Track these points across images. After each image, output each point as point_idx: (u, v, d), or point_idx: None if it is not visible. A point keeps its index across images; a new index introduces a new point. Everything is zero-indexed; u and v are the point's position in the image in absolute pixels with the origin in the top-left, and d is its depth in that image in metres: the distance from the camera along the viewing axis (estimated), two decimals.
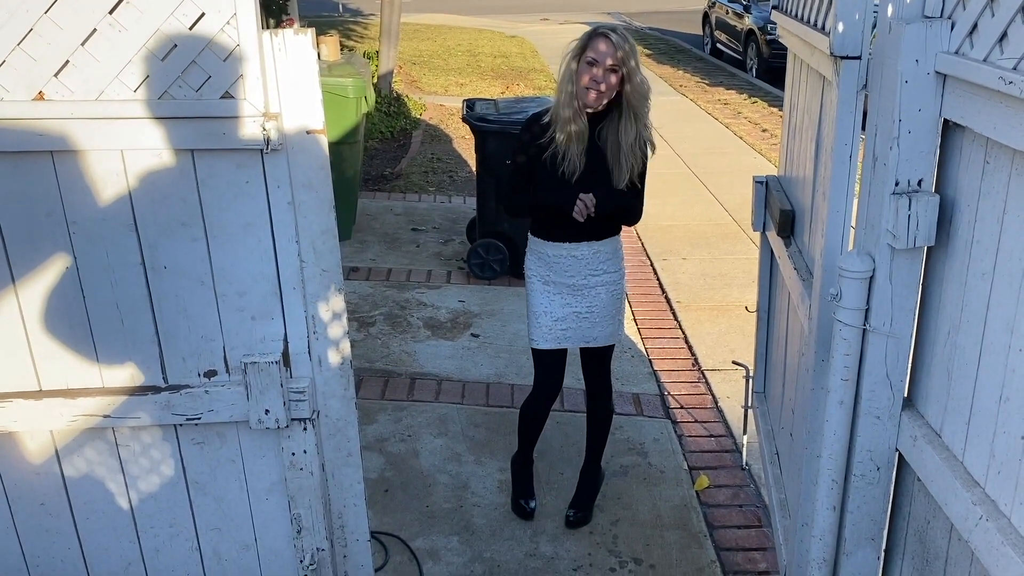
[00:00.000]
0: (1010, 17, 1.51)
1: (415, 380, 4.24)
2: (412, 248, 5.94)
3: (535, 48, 15.33)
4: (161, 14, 1.83)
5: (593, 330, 3.08)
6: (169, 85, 1.88)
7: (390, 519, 3.25)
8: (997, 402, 1.67)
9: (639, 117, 2.86)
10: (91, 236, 2.00)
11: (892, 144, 1.81)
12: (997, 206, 1.64)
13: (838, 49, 1.96)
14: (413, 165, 7.87)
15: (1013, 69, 1.50)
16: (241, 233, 2.04)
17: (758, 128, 9.54)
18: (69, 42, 1.83)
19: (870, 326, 1.97)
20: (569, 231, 2.96)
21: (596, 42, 2.77)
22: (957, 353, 1.82)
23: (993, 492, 1.70)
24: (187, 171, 1.97)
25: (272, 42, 1.90)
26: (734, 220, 6.55)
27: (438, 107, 10.42)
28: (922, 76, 1.75)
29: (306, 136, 1.99)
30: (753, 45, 12.93)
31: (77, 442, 2.20)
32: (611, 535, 3.22)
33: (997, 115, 1.56)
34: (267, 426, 2.14)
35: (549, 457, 3.63)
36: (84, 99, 1.88)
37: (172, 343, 2.12)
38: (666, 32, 18.05)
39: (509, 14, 21.16)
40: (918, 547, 2.05)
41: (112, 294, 2.06)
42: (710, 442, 3.81)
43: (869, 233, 1.95)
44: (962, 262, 1.78)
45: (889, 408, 2.03)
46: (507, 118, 5.02)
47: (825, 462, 2.14)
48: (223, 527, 2.32)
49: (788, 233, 2.79)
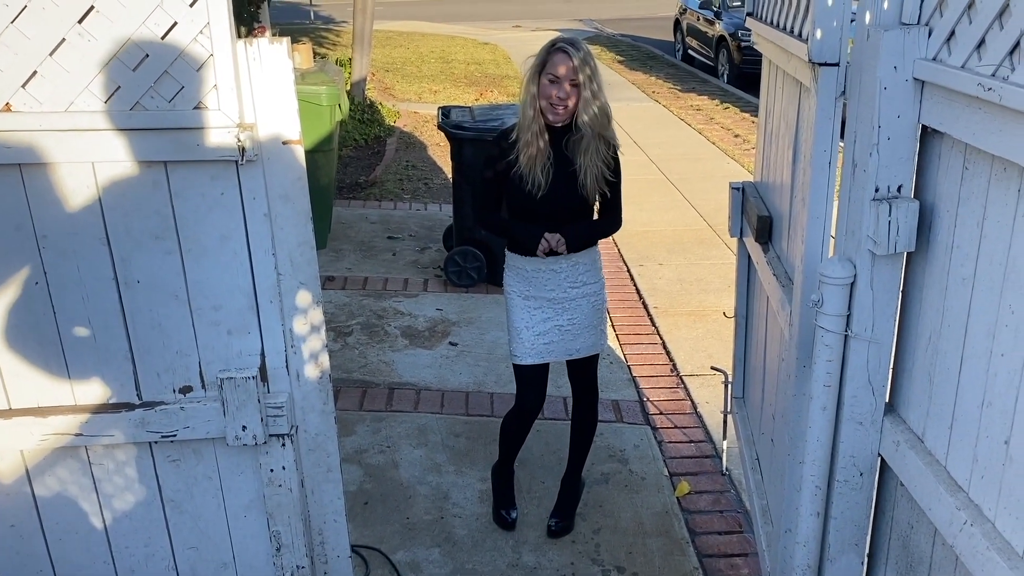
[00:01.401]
0: (987, 24, 1.51)
1: (393, 390, 4.20)
2: (388, 256, 5.90)
3: (508, 55, 15.34)
4: (132, 24, 1.79)
5: (575, 342, 3.06)
6: (141, 96, 1.84)
7: (370, 532, 3.21)
8: (979, 407, 1.68)
9: (603, 136, 2.85)
10: (62, 250, 1.96)
11: (872, 150, 1.82)
12: (976, 211, 1.65)
13: (816, 56, 1.97)
14: (388, 173, 7.83)
15: (991, 76, 1.50)
16: (216, 246, 2.00)
17: (731, 134, 9.61)
18: (37, 52, 1.79)
19: (852, 332, 1.97)
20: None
21: (556, 59, 2.75)
22: (939, 358, 1.83)
23: (977, 497, 1.70)
24: (160, 183, 1.93)
25: (247, 51, 1.86)
26: (709, 225, 6.58)
27: (412, 114, 10.38)
28: (900, 83, 1.75)
29: (282, 146, 1.95)
30: (724, 51, 13.04)
31: (48, 461, 2.14)
32: (593, 543, 3.20)
33: (975, 121, 1.57)
34: (244, 442, 2.10)
35: (530, 466, 3.61)
36: (53, 111, 1.83)
37: (146, 359, 2.07)
38: (638, 39, 18.15)
39: (481, 21, 21.17)
40: (902, 552, 2.06)
41: (84, 309, 2.01)
42: (690, 448, 3.81)
43: (850, 239, 1.95)
44: (942, 267, 1.79)
45: (871, 413, 2.04)
46: (483, 125, 5.01)
47: (808, 468, 2.14)
48: (200, 546, 2.28)
49: (766, 239, 2.80)
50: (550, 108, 2.77)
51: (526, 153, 2.83)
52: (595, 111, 2.78)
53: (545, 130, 2.82)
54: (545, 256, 2.90)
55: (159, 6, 1.78)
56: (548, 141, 2.83)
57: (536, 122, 2.80)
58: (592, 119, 2.78)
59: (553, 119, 2.79)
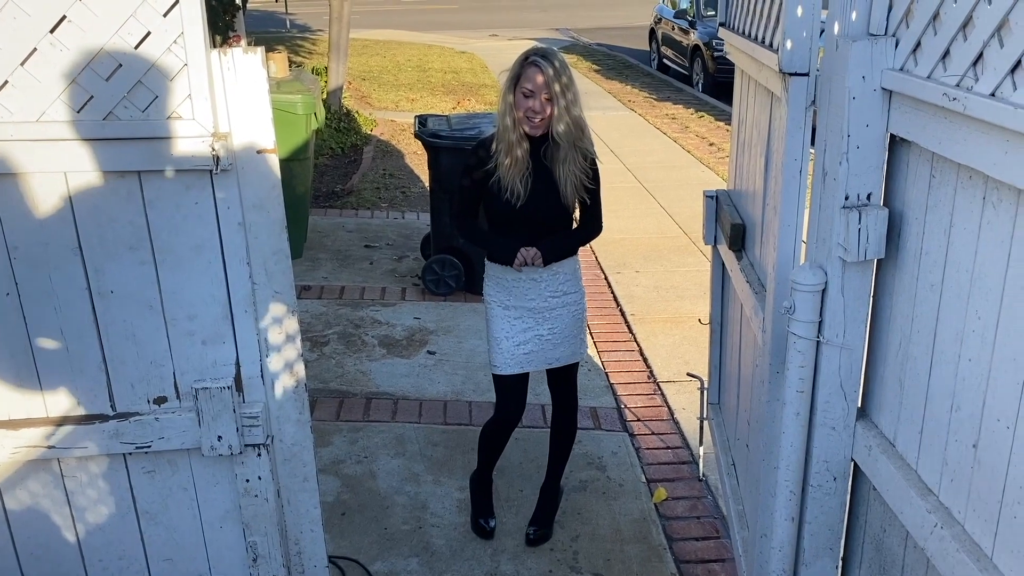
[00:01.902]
0: (952, 35, 1.55)
1: (371, 400, 4.19)
2: (365, 265, 5.89)
3: (485, 64, 15.38)
4: (105, 34, 1.78)
5: (556, 351, 3.07)
6: (114, 106, 1.84)
7: (347, 543, 3.20)
8: (949, 411, 1.70)
9: (579, 146, 2.87)
10: (33, 261, 1.94)
11: (841, 159, 1.84)
12: (944, 219, 1.68)
13: (787, 66, 2.00)
14: (365, 181, 7.82)
15: (956, 86, 1.53)
16: (191, 256, 1.99)
17: (706, 142, 9.68)
18: (7, 62, 1.78)
19: (823, 338, 2.00)
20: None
21: (530, 72, 2.77)
22: (909, 364, 1.86)
23: (947, 500, 1.73)
24: (134, 193, 1.93)
25: (221, 61, 1.86)
26: (685, 233, 6.63)
27: (389, 123, 10.38)
28: (869, 92, 1.78)
29: (256, 156, 1.95)
30: (699, 61, 13.14)
31: (20, 474, 2.12)
32: (572, 551, 3.21)
33: (942, 130, 1.60)
34: (220, 452, 2.09)
35: (508, 474, 3.61)
36: (24, 120, 1.82)
37: (120, 369, 2.06)
38: (614, 48, 18.25)
39: (457, 30, 21.21)
40: (875, 555, 2.08)
41: (56, 320, 2.00)
42: (667, 454, 3.83)
43: (820, 247, 1.98)
44: (911, 274, 1.82)
45: (844, 419, 2.06)
46: (460, 134, 5.02)
47: (782, 473, 2.16)
48: (175, 557, 2.26)
49: (739, 247, 2.83)
50: (525, 120, 2.79)
51: (505, 163, 2.84)
52: (569, 122, 2.80)
53: (524, 139, 2.83)
54: (520, 270, 2.92)
55: (132, 16, 1.78)
56: (527, 151, 2.85)
57: (514, 132, 2.82)
58: (567, 130, 2.80)
59: (530, 130, 2.81)
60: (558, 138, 2.81)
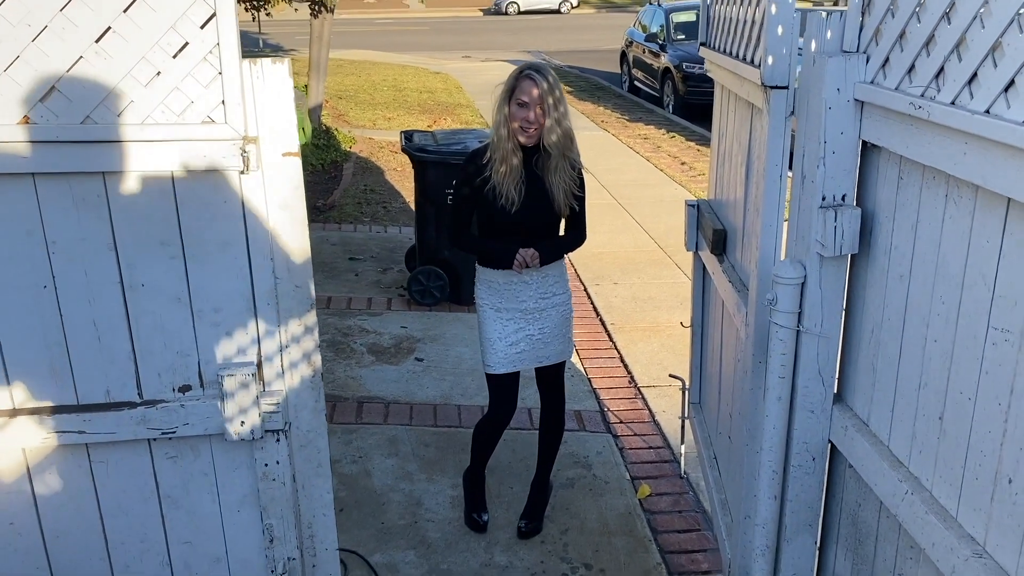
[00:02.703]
0: (916, 51, 1.75)
1: (362, 403, 4.31)
2: (351, 277, 6.02)
3: (459, 84, 15.61)
4: (146, 43, 1.93)
5: (546, 350, 3.24)
6: (152, 110, 1.98)
7: (347, 537, 3.32)
8: (916, 389, 1.89)
9: (568, 156, 3.06)
10: (71, 255, 2.07)
11: (818, 163, 2.04)
12: (911, 216, 1.88)
13: (768, 79, 2.19)
14: (346, 196, 7.95)
15: (921, 96, 1.73)
16: (218, 251, 2.13)
17: (677, 161, 9.95)
18: (55, 69, 1.91)
19: (803, 327, 2.19)
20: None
21: (525, 85, 2.96)
22: (880, 349, 2.05)
23: (916, 470, 1.91)
24: (167, 192, 2.06)
25: (251, 70, 2.01)
26: (660, 247, 6.84)
27: (367, 140, 10.53)
28: (843, 103, 1.99)
29: (282, 158, 2.10)
30: (669, 83, 13.48)
31: (50, 459, 2.23)
32: (562, 543, 3.36)
33: (908, 136, 1.80)
34: (242, 437, 2.21)
35: (498, 473, 3.76)
36: (69, 123, 1.95)
37: (148, 359, 2.18)
38: (585, 70, 18.59)
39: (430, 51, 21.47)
40: (851, 529, 2.26)
41: (89, 312, 2.12)
42: (649, 453, 4.00)
43: (800, 243, 2.17)
44: (882, 267, 2.01)
45: (822, 402, 2.25)
46: (446, 148, 5.19)
47: (765, 455, 2.34)
48: (194, 540, 2.37)
49: (721, 250, 3.02)
50: (520, 130, 2.97)
51: (500, 171, 3.02)
52: (560, 133, 2.99)
53: (518, 149, 3.01)
54: (521, 271, 3.08)
55: (172, 27, 1.93)
56: (521, 160, 3.03)
57: (509, 143, 2.99)
58: (558, 140, 2.99)
59: (524, 140, 2.99)
60: (550, 148, 3.00)
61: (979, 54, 1.54)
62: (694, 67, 12.52)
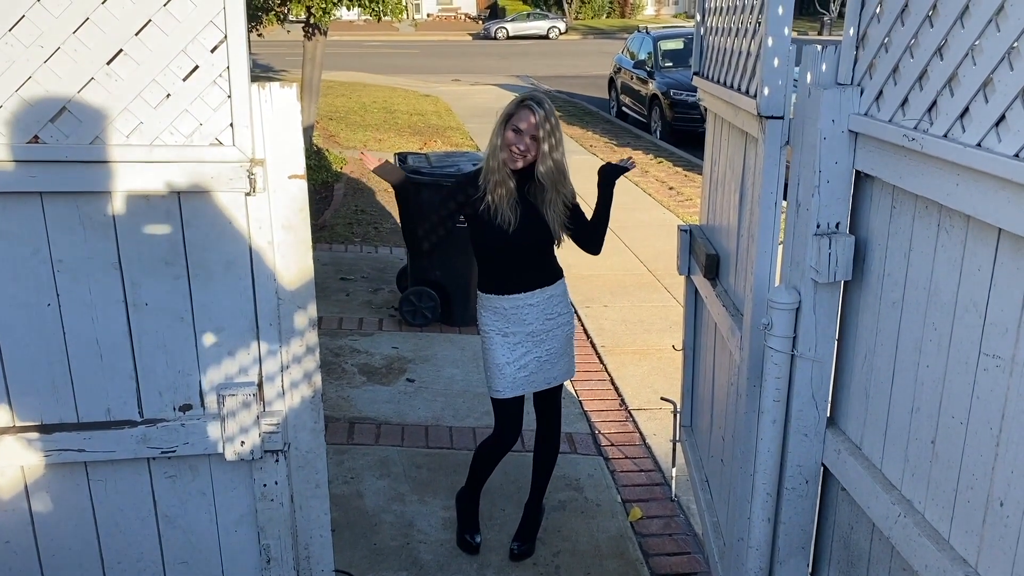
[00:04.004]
0: (910, 86, 1.81)
1: (354, 424, 4.32)
2: (342, 297, 6.03)
3: (449, 107, 15.71)
4: (157, 66, 1.96)
5: (553, 371, 3.27)
6: (161, 132, 2.01)
7: (339, 558, 3.30)
8: (909, 413, 1.93)
9: (561, 192, 3.11)
10: (75, 274, 2.08)
11: (813, 192, 2.09)
12: (903, 244, 1.93)
13: (764, 110, 2.25)
14: (337, 217, 7.98)
15: (914, 128, 1.79)
16: (222, 271, 2.15)
17: (665, 186, 10.05)
18: (66, 90, 1.94)
19: (797, 352, 2.23)
20: (522, 282, 3.16)
21: (522, 113, 3.02)
22: (873, 374, 2.09)
23: (908, 493, 1.95)
24: (173, 212, 2.09)
25: (259, 94, 2.05)
26: (649, 271, 6.90)
27: (358, 161, 10.56)
28: (838, 134, 2.04)
29: (287, 180, 2.13)
30: (657, 109, 13.63)
31: (48, 478, 2.23)
32: (554, 565, 3.37)
33: (902, 166, 1.85)
34: (242, 457, 2.22)
35: (491, 495, 3.76)
36: (78, 143, 1.98)
37: (150, 378, 2.20)
38: (573, 95, 18.77)
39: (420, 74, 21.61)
40: (843, 552, 2.29)
41: (93, 330, 2.13)
42: (640, 476, 4.02)
43: (795, 269, 2.22)
44: (875, 293, 2.06)
45: (815, 426, 2.28)
46: (440, 171, 5.23)
47: (760, 477, 2.37)
48: (191, 560, 2.37)
49: (714, 275, 3.06)
50: (509, 155, 3.02)
51: (496, 193, 3.06)
52: (551, 164, 3.04)
53: (511, 177, 3.06)
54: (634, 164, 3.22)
55: (183, 51, 1.96)
56: (515, 183, 3.07)
57: (499, 174, 3.05)
58: (548, 171, 3.04)
59: (512, 165, 3.04)
60: (541, 179, 3.05)
61: (971, 90, 1.59)
62: (681, 94, 12.67)
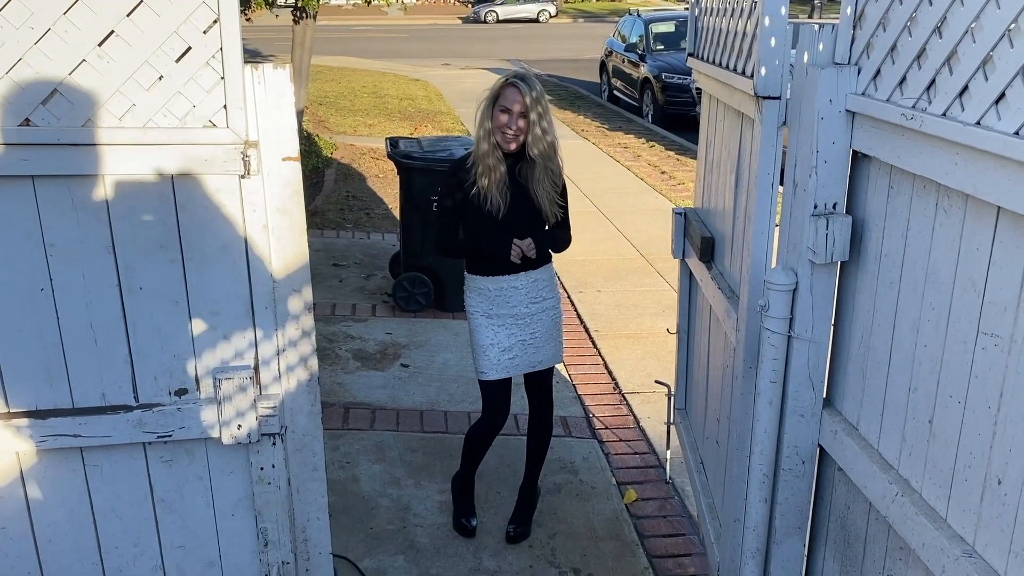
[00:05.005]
0: (908, 64, 1.80)
1: (349, 409, 4.31)
2: (335, 283, 6.01)
3: (439, 91, 15.64)
4: (149, 48, 1.93)
5: (538, 354, 3.26)
6: (154, 114, 1.99)
7: (336, 542, 3.29)
8: (906, 393, 1.94)
9: (549, 167, 3.09)
10: (69, 258, 2.06)
11: (811, 172, 2.09)
12: (901, 224, 1.93)
13: (761, 90, 2.24)
14: (328, 203, 7.94)
15: (912, 107, 1.78)
16: (217, 255, 2.13)
17: (657, 170, 10.03)
18: (57, 72, 1.92)
19: (794, 333, 2.23)
20: (507, 264, 3.15)
21: (509, 92, 3.00)
22: (870, 354, 2.09)
23: (905, 472, 1.96)
24: (167, 195, 2.07)
25: (253, 75, 2.03)
26: (642, 255, 6.90)
27: (348, 146, 10.52)
28: (835, 114, 2.03)
29: (281, 163, 2.11)
30: (648, 92, 13.59)
31: (43, 463, 2.22)
32: (550, 547, 3.38)
33: (899, 146, 1.85)
34: (239, 441, 2.22)
35: (486, 478, 3.77)
36: (69, 126, 1.95)
37: (145, 362, 2.18)
38: (564, 79, 18.70)
39: (410, 59, 21.48)
40: (839, 532, 2.30)
41: (87, 315, 2.11)
42: (635, 459, 4.03)
43: (792, 250, 2.22)
44: (872, 274, 2.06)
45: (812, 407, 2.29)
46: (432, 155, 5.21)
47: (756, 459, 2.38)
48: (188, 544, 2.37)
49: (709, 258, 3.06)
50: (501, 136, 3.01)
51: (485, 177, 3.05)
52: (544, 144, 3.03)
53: (502, 161, 3.05)
54: (519, 260, 3.09)
55: (175, 32, 1.94)
56: (506, 166, 3.06)
57: (491, 157, 3.03)
58: (542, 151, 3.03)
59: (505, 146, 3.03)
60: (535, 157, 3.03)
61: (970, 67, 1.59)
62: (673, 77, 12.64)
